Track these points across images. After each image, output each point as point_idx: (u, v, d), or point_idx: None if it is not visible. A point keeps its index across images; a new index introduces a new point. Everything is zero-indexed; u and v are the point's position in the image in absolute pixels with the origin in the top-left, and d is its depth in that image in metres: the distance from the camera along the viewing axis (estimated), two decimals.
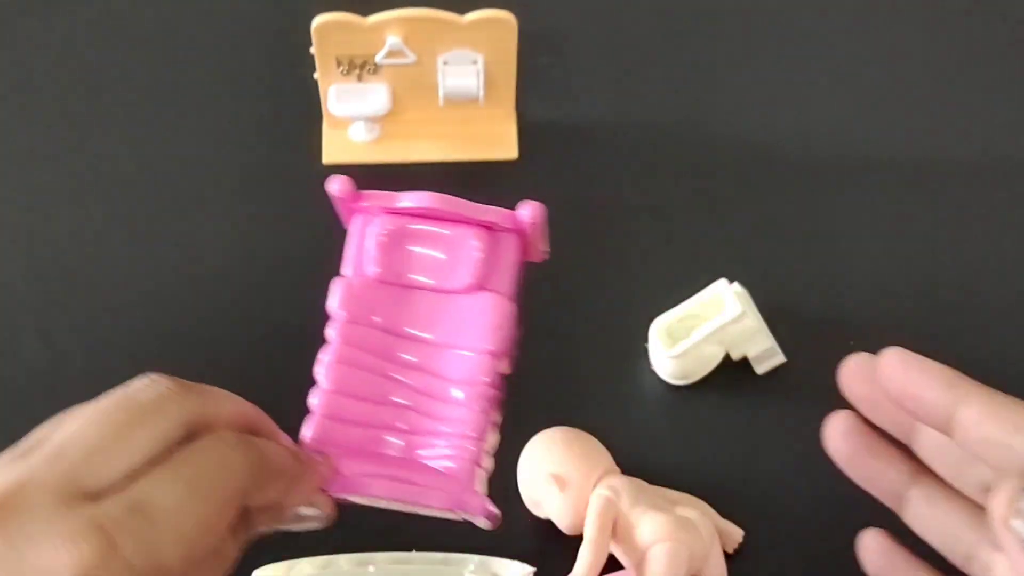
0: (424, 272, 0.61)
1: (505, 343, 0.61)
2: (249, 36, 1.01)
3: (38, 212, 0.93)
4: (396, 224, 0.62)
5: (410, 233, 0.62)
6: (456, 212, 0.61)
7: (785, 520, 0.81)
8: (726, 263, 0.89)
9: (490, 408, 0.61)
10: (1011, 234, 0.93)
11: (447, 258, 0.61)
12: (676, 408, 0.85)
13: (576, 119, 0.97)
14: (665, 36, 1.02)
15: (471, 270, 0.61)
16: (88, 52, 1.00)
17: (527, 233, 0.62)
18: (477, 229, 0.62)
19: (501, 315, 0.61)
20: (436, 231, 0.62)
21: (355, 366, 0.61)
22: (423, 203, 0.60)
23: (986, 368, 0.87)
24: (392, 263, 0.62)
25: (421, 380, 0.61)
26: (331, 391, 0.60)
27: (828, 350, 0.87)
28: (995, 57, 1.01)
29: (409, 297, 0.61)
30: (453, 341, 0.61)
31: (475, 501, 0.61)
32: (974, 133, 0.97)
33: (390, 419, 0.61)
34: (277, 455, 0.59)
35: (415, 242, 0.62)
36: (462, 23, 0.88)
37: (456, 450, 0.60)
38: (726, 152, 0.96)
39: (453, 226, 0.62)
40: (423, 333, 0.61)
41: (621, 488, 0.77)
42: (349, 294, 0.61)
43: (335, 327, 0.61)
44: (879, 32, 1.03)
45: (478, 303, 0.61)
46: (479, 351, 0.60)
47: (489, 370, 0.60)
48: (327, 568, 0.76)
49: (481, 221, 0.62)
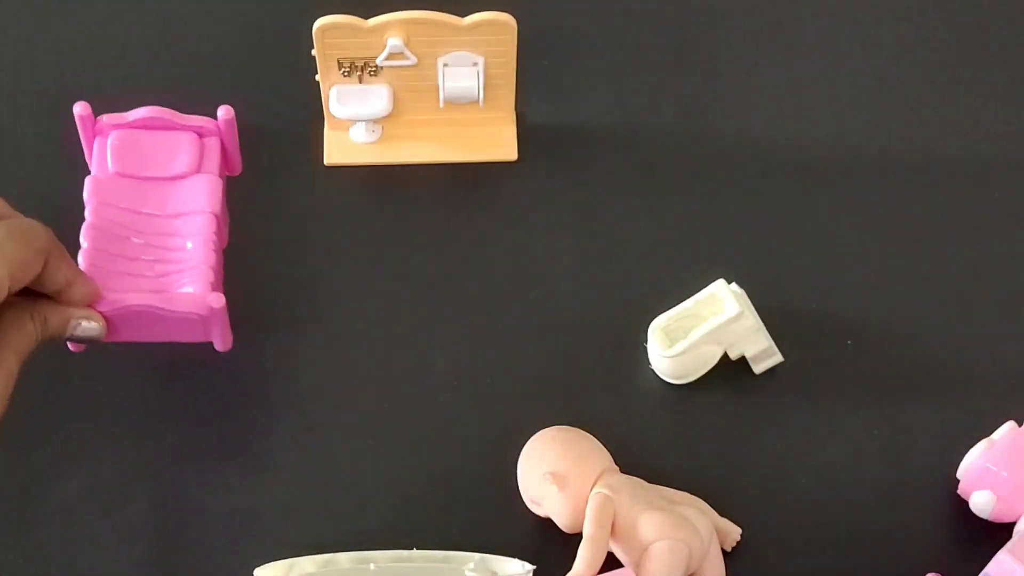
0: (154, 167, 0.82)
1: (219, 206, 0.82)
2: (250, 37, 1.01)
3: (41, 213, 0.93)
4: (128, 135, 0.82)
5: (139, 138, 0.82)
6: (171, 121, 0.82)
7: (783, 518, 0.81)
8: (724, 263, 0.89)
9: (215, 252, 0.80)
10: (1010, 234, 0.93)
11: (170, 154, 0.82)
12: (674, 407, 0.85)
13: (576, 120, 0.98)
14: (665, 38, 1.02)
15: (188, 160, 0.82)
16: (89, 53, 1.00)
17: (224, 132, 0.83)
18: (189, 133, 0.83)
19: (214, 186, 0.82)
20: (159, 135, 0.82)
21: (105, 231, 0.79)
22: (144, 115, 0.82)
23: (985, 368, 0.88)
24: (127, 163, 0.82)
25: (163, 241, 0.80)
26: (88, 249, 0.78)
27: (825, 350, 0.88)
28: (994, 58, 1.02)
29: (145, 185, 0.81)
30: (183, 210, 0.81)
31: (216, 316, 0.77)
32: (973, 134, 0.98)
33: (141, 269, 0.79)
34: (40, 234, 0.72)
35: (144, 145, 0.82)
36: (462, 25, 0.89)
37: (195, 278, 0.78)
38: (725, 152, 0.96)
39: (171, 132, 0.83)
40: (159, 211, 0.81)
41: (620, 487, 0.77)
42: (96, 186, 0.81)
43: (88, 208, 0.80)
44: (879, 33, 1.03)
45: (197, 181, 0.82)
46: (203, 212, 0.81)
47: (211, 224, 0.80)
48: (328, 566, 0.76)
49: (191, 126, 0.83)
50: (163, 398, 0.85)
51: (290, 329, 0.88)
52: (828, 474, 0.81)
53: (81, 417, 0.84)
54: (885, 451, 0.84)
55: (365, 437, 0.84)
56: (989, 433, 0.80)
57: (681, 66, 1.01)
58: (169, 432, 0.84)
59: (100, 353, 0.86)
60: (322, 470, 0.83)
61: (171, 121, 0.82)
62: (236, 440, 0.84)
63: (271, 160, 0.94)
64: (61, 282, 0.74)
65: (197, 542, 0.80)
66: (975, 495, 0.79)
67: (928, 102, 0.99)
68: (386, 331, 0.88)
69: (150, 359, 0.87)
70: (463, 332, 0.88)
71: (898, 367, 0.87)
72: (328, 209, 0.93)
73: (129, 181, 0.81)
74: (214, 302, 0.77)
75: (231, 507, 0.81)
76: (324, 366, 0.87)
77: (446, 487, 0.82)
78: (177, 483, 0.82)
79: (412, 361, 0.87)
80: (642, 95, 0.99)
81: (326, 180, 0.95)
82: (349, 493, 0.82)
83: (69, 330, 0.75)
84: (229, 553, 0.79)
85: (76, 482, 0.82)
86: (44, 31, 1.01)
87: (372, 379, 0.86)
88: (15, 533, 0.80)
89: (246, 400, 0.85)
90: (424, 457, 0.83)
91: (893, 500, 0.82)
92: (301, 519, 0.81)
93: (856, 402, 0.85)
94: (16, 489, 0.82)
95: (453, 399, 0.85)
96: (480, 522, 0.81)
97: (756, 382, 0.86)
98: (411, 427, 0.84)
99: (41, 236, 0.72)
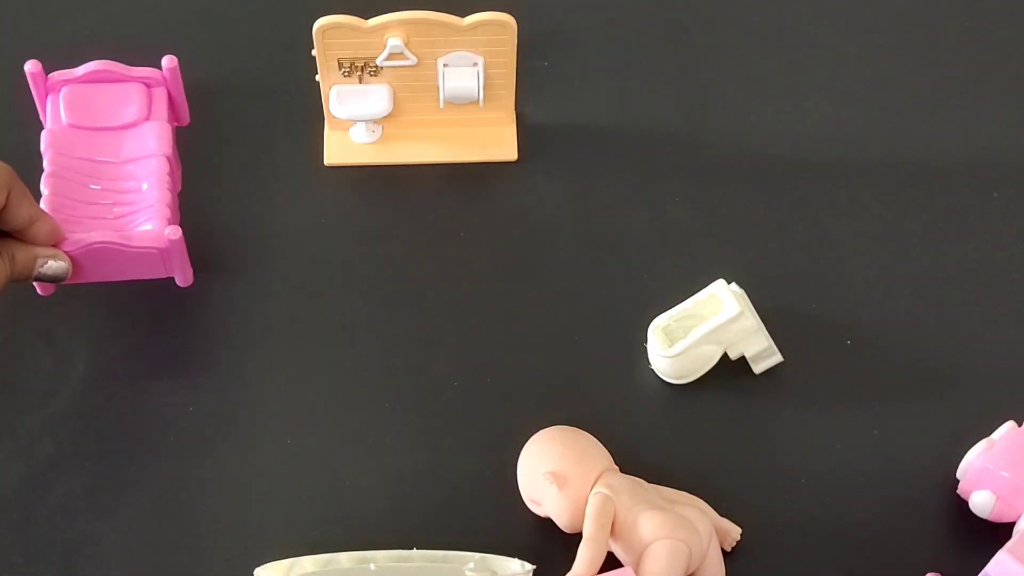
0: (106, 117, 0.86)
1: (170, 149, 0.86)
2: (251, 38, 1.02)
3: None
4: (78, 88, 0.87)
5: (90, 91, 0.87)
6: (119, 74, 0.87)
7: (783, 518, 0.81)
8: (724, 263, 0.90)
9: (169, 191, 0.85)
10: (1009, 234, 0.93)
11: (120, 104, 0.86)
12: (674, 407, 0.85)
13: (575, 121, 0.98)
14: (664, 38, 1.02)
15: (138, 109, 0.87)
16: (90, 54, 1.00)
17: (169, 81, 0.88)
18: (137, 84, 0.87)
19: (163, 131, 0.86)
20: (108, 87, 0.87)
21: (64, 179, 0.84)
22: (93, 68, 0.86)
23: (985, 368, 0.88)
24: (79, 115, 0.86)
25: (119, 185, 0.85)
26: (49, 195, 0.83)
27: (825, 350, 0.88)
28: (994, 58, 1.02)
29: (99, 135, 0.85)
30: (136, 155, 0.85)
31: (174, 248, 0.82)
32: (972, 135, 0.98)
33: (101, 212, 0.83)
34: (1, 169, 0.76)
35: (95, 98, 0.86)
36: (462, 25, 0.89)
37: (152, 216, 0.83)
38: (724, 153, 0.96)
39: (120, 84, 0.87)
40: (113, 158, 0.85)
41: (620, 487, 0.77)
42: (52, 138, 0.85)
43: (45, 159, 0.84)
44: (878, 34, 1.03)
45: (148, 127, 0.86)
46: (155, 155, 0.85)
47: (164, 166, 0.85)
48: (328, 566, 0.76)
49: (138, 78, 0.87)
50: (164, 397, 0.85)
51: (291, 329, 0.88)
52: (828, 474, 0.81)
53: (82, 417, 0.84)
54: (885, 451, 0.84)
55: (365, 437, 0.84)
56: (989, 433, 0.80)
57: (681, 66, 1.01)
58: (169, 432, 0.84)
59: (100, 353, 0.87)
60: (322, 470, 0.83)
61: (119, 73, 0.87)
62: (236, 440, 0.84)
63: (271, 160, 0.94)
64: (24, 218, 0.78)
65: (197, 542, 0.80)
66: (975, 495, 0.79)
67: (928, 102, 0.99)
68: (386, 331, 0.88)
69: (151, 359, 0.87)
70: (463, 332, 0.88)
71: (898, 367, 0.87)
72: (328, 209, 0.93)
73: (83, 132, 0.86)
74: (171, 234, 0.81)
75: (231, 507, 0.81)
76: (324, 366, 0.87)
77: (446, 487, 0.82)
78: (177, 483, 0.82)
79: (412, 361, 0.87)
80: (642, 95, 0.99)
81: (326, 180, 0.95)
82: (349, 493, 0.82)
83: (36, 268, 0.79)
84: (229, 553, 0.79)
85: (76, 482, 0.82)
86: None
87: (372, 379, 0.86)
88: (15, 533, 0.80)
89: (246, 400, 0.85)
90: (424, 457, 0.83)
91: (893, 500, 0.82)
92: (301, 519, 0.81)
93: (856, 402, 0.86)
94: (16, 489, 0.82)
95: (453, 399, 0.85)
96: (480, 522, 0.81)
97: (756, 382, 0.86)
98: (411, 427, 0.84)
99: (3, 171, 0.75)
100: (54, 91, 0.87)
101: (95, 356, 0.87)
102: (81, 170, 0.84)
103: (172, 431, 0.84)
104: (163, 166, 0.84)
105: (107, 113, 0.86)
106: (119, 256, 0.81)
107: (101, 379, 0.86)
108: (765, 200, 0.94)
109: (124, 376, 0.86)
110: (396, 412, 0.85)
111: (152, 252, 0.81)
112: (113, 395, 0.85)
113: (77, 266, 0.81)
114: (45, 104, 0.87)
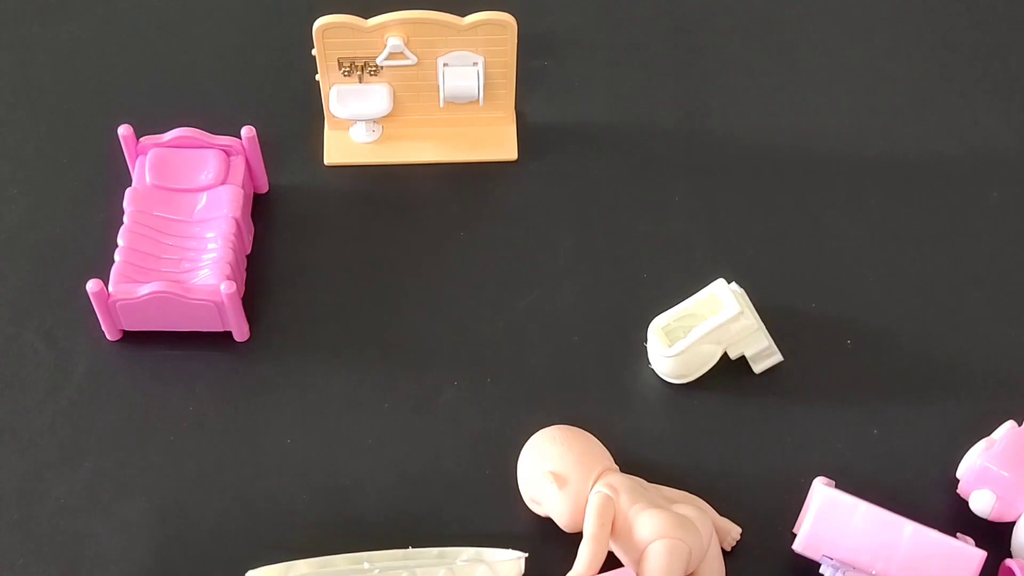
0: (186, 180, 0.91)
1: (239, 212, 0.90)
2: (251, 38, 1.02)
3: (42, 212, 0.94)
4: (163, 152, 0.92)
5: (174, 156, 0.92)
6: (201, 140, 0.91)
7: (782, 517, 0.81)
8: (724, 263, 0.90)
9: (233, 251, 0.88)
10: (1009, 234, 0.93)
11: (199, 168, 0.91)
12: (674, 407, 0.85)
13: (575, 120, 0.98)
14: (664, 38, 1.02)
15: (215, 173, 0.91)
16: (91, 54, 1.01)
17: (247, 150, 0.92)
18: (216, 150, 0.92)
19: (235, 195, 0.90)
20: (190, 152, 0.92)
21: (139, 234, 0.89)
22: (178, 135, 0.91)
23: (985, 368, 0.88)
24: (163, 176, 0.91)
25: (189, 243, 0.89)
26: (124, 247, 0.88)
27: (825, 349, 0.88)
28: (993, 58, 1.02)
29: (177, 195, 0.91)
30: (208, 216, 0.90)
31: (229, 303, 0.85)
32: (972, 134, 0.98)
33: (170, 266, 0.88)
34: None
35: (177, 161, 0.91)
36: (462, 25, 0.89)
37: (213, 272, 0.87)
38: (724, 153, 0.96)
39: (201, 149, 0.92)
40: (187, 217, 0.90)
41: (620, 486, 0.77)
42: (135, 195, 0.90)
43: (127, 214, 0.89)
44: (878, 33, 1.03)
45: (222, 191, 0.90)
46: (224, 217, 0.89)
47: (231, 227, 0.89)
48: (324, 568, 0.76)
49: (218, 145, 0.92)
50: (163, 399, 0.85)
51: (290, 328, 0.88)
52: (828, 474, 0.81)
53: (82, 417, 0.84)
54: (885, 451, 0.84)
55: (365, 436, 0.84)
56: (989, 433, 0.80)
57: (681, 66, 1.01)
58: (169, 432, 0.84)
59: (100, 353, 0.87)
60: (322, 469, 0.83)
61: (201, 140, 0.92)
62: (236, 440, 0.84)
63: (271, 160, 0.94)
64: None
65: (196, 542, 0.80)
66: (975, 495, 0.79)
67: (927, 102, 0.99)
68: (386, 330, 0.88)
69: (151, 360, 0.87)
70: (463, 332, 0.88)
71: (898, 367, 0.87)
72: (328, 209, 0.94)
73: (163, 192, 0.91)
74: (226, 289, 0.84)
75: (231, 507, 0.81)
76: (324, 365, 0.87)
77: (446, 486, 0.82)
78: (177, 483, 0.82)
79: (412, 360, 0.87)
80: (641, 95, 0.99)
81: (326, 180, 0.95)
82: (348, 492, 0.82)
83: None
84: (229, 553, 0.79)
85: (76, 482, 0.82)
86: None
87: (372, 378, 0.86)
88: (15, 533, 0.80)
89: (246, 400, 0.85)
90: (424, 456, 0.83)
91: (893, 500, 0.81)
92: (301, 519, 0.81)
93: (856, 402, 0.86)
94: (16, 489, 0.82)
95: (453, 399, 0.85)
96: (480, 522, 0.81)
97: (756, 382, 0.86)
98: (411, 426, 0.84)
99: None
100: (143, 153, 0.92)
101: (95, 356, 0.87)
102: (157, 226, 0.89)
103: (172, 431, 0.84)
104: (230, 227, 0.88)
105: (187, 176, 0.91)
106: (177, 306, 0.85)
107: (101, 379, 0.86)
108: (766, 200, 0.94)
109: (124, 376, 0.86)
110: (396, 412, 0.85)
111: (207, 304, 0.85)
112: (113, 395, 0.85)
113: (141, 313, 0.85)
114: (135, 164, 0.92)
